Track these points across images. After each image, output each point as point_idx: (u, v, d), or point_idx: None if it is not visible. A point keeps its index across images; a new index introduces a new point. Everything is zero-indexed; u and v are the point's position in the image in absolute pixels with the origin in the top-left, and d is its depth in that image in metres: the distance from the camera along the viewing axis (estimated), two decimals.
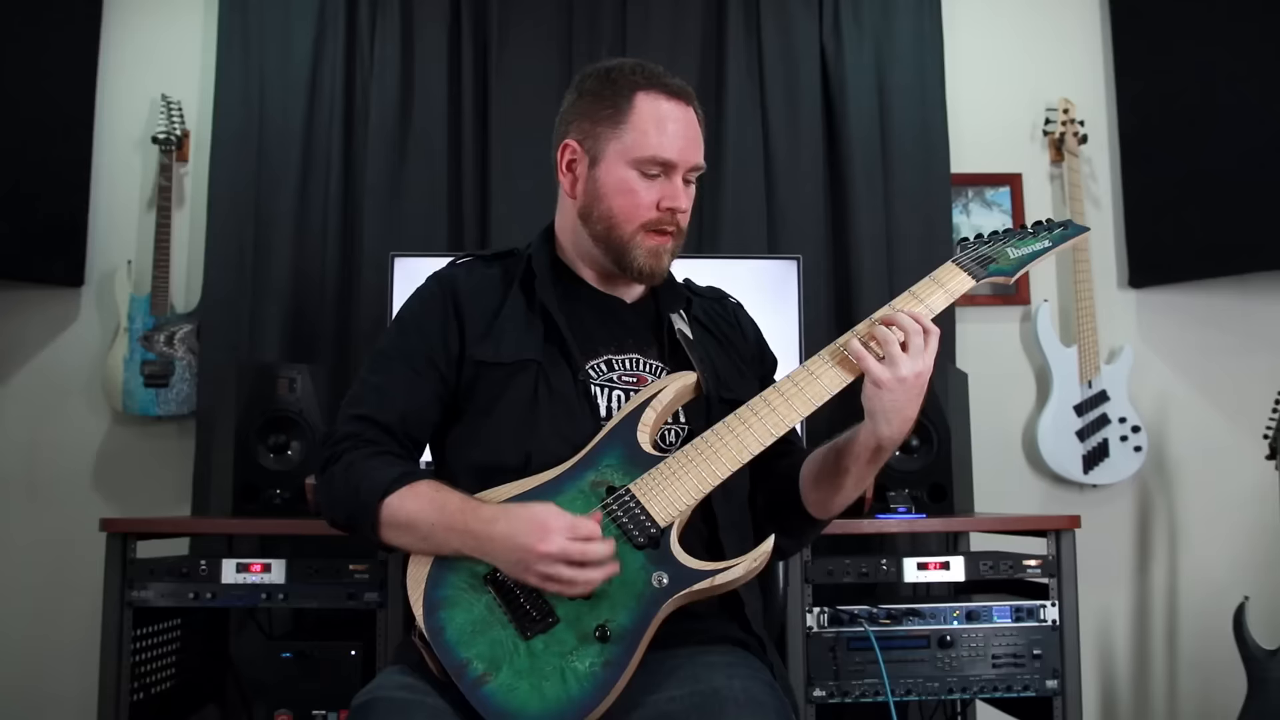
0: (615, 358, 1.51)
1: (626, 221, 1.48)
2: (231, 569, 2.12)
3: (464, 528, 1.33)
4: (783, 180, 3.03)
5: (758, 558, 1.33)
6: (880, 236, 3.03)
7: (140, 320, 2.96)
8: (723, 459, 1.37)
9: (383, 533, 1.38)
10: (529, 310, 1.51)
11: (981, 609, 2.14)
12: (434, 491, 1.37)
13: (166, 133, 3.02)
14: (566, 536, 1.26)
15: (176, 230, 3.05)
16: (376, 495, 1.37)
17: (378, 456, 1.42)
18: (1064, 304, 3.17)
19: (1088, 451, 3.03)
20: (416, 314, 1.52)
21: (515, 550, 1.28)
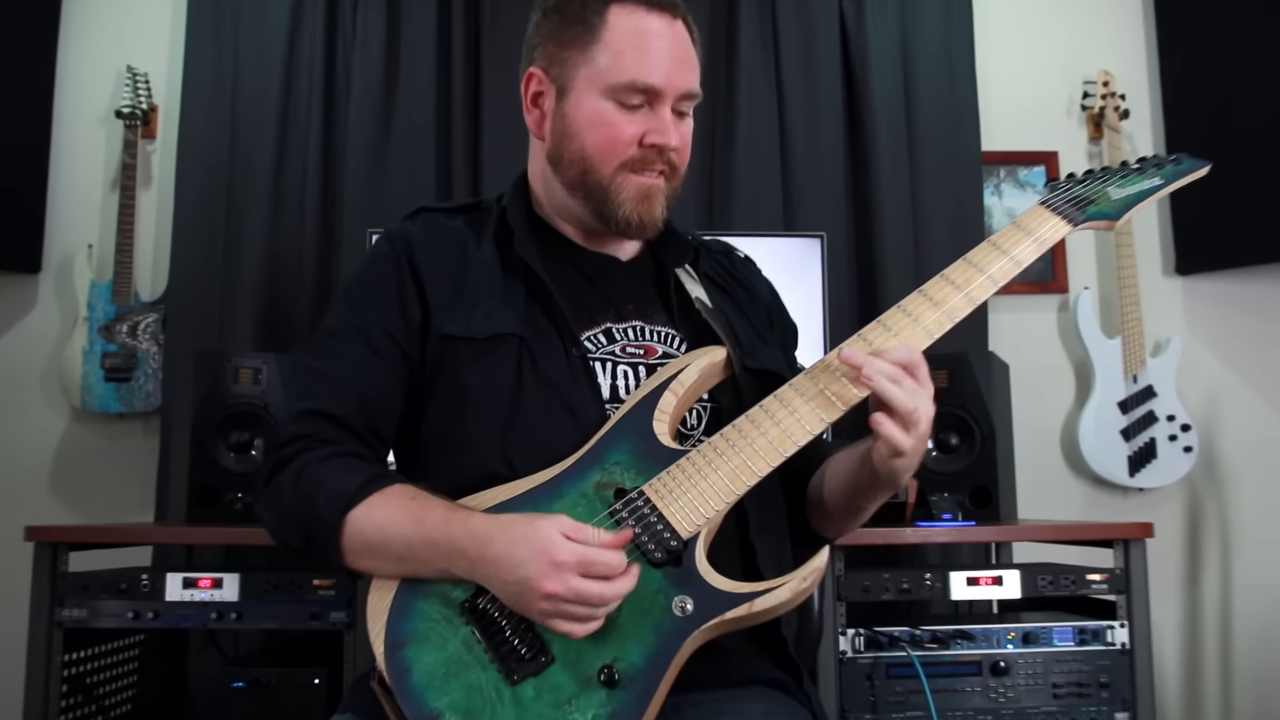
0: (616, 326, 1.20)
1: (603, 163, 1.17)
2: (177, 584, 1.81)
3: (451, 545, 1.02)
4: (800, 156, 2.74)
5: (808, 575, 1.01)
6: (906, 217, 2.75)
7: (101, 309, 2.67)
8: (761, 450, 1.06)
9: (348, 554, 1.08)
10: (505, 272, 1.20)
11: (1040, 630, 1.82)
12: (409, 499, 1.07)
13: (131, 106, 2.72)
14: (579, 572, 0.96)
15: (142, 212, 2.77)
16: (339, 508, 1.06)
17: (335, 459, 1.11)
18: (1105, 292, 2.87)
19: (1133, 452, 2.74)
20: (367, 281, 1.20)
21: (515, 583, 0.98)
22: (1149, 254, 2.90)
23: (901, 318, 1.11)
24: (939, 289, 1.12)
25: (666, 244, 1.27)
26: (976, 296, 1.11)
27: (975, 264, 1.13)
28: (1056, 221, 1.15)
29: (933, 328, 1.10)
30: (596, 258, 1.25)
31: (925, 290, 1.12)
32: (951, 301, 1.11)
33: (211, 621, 1.80)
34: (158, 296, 2.71)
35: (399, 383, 1.17)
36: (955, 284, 1.12)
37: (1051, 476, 2.81)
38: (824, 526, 1.27)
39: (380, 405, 1.16)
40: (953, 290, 1.11)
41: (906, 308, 1.11)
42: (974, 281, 1.12)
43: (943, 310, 1.10)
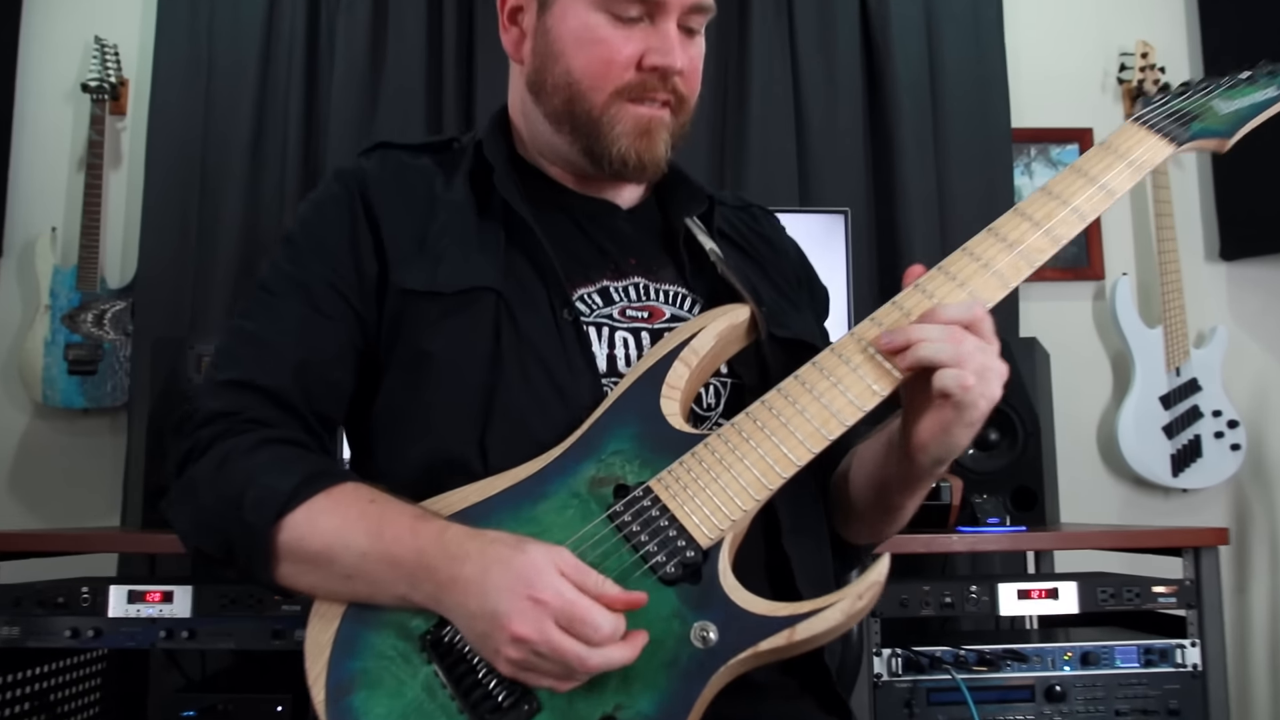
0: (614, 285, 0.97)
1: (593, 88, 0.94)
2: (122, 598, 1.57)
3: (417, 563, 0.79)
4: (816, 132, 2.51)
5: (864, 592, 0.78)
6: (931, 197, 2.52)
7: (65, 296, 2.45)
8: (801, 432, 0.83)
9: (280, 571, 0.84)
10: (481, 217, 0.97)
11: (1101, 650, 1.58)
12: (367, 503, 0.84)
13: (99, 79, 2.50)
14: (559, 622, 0.73)
15: (111, 193, 2.54)
16: (271, 511, 0.83)
17: (268, 446, 0.87)
18: (1144, 279, 2.64)
19: (1177, 451, 2.50)
20: (312, 227, 0.97)
21: (482, 617, 0.76)
22: (1191, 238, 2.66)
23: (968, 263, 0.87)
24: (1013, 226, 0.89)
25: (674, 190, 1.04)
26: (1061, 235, 0.88)
27: (1056, 195, 0.90)
28: (1155, 140, 0.93)
29: (1008, 273, 0.87)
30: (591, 204, 1.02)
31: (995, 229, 0.89)
32: (1029, 240, 0.87)
33: (160, 641, 1.56)
34: (126, 283, 2.49)
35: (349, 350, 0.93)
36: (1033, 219, 0.88)
37: (1088, 476, 2.57)
38: (853, 531, 1.04)
39: (324, 378, 0.92)
40: (1030, 227, 0.88)
41: (974, 250, 0.88)
42: (1056, 215, 0.89)
43: (1018, 252, 0.87)
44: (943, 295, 0.86)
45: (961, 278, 0.87)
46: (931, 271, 0.88)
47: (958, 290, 0.86)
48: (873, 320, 0.87)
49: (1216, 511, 2.58)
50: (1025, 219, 0.89)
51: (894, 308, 0.87)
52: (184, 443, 0.89)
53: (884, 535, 1.04)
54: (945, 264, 0.89)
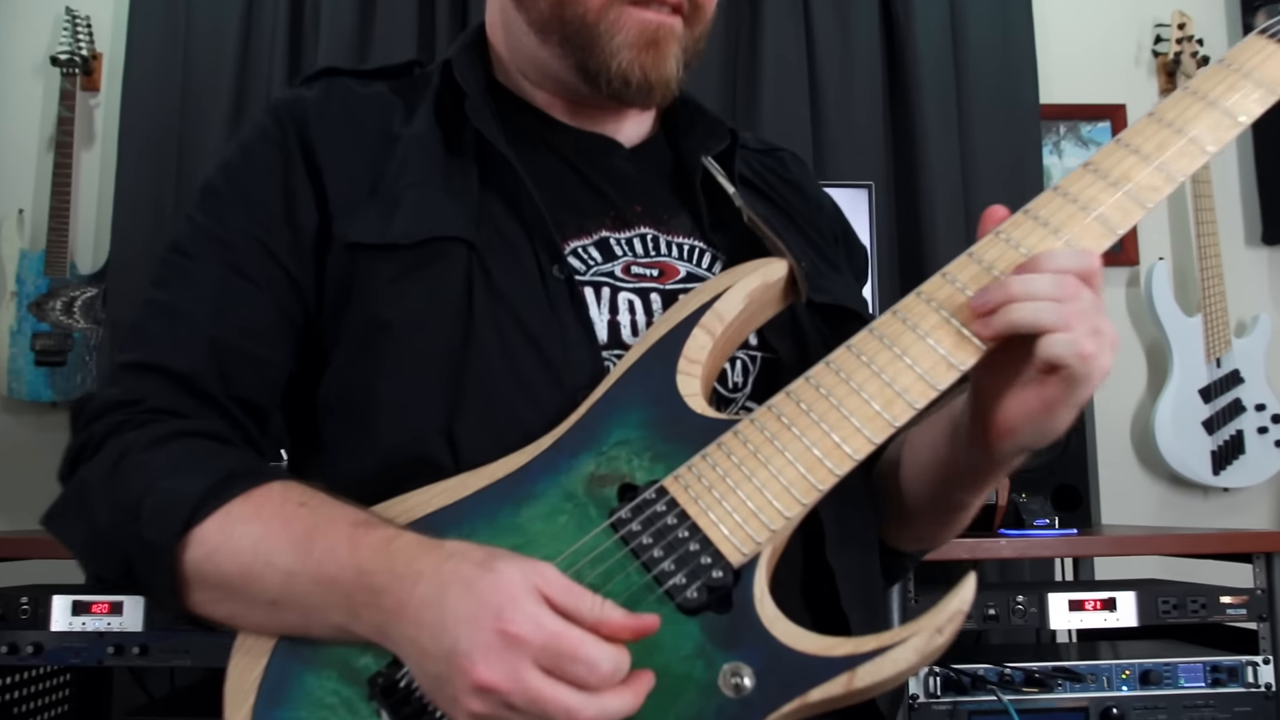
0: (616, 236, 0.78)
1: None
2: (65, 609, 1.38)
3: (356, 583, 0.60)
4: (832, 106, 2.33)
5: (946, 624, 0.59)
6: (955, 175, 2.34)
7: (32, 283, 2.27)
8: (859, 416, 0.64)
9: (193, 596, 0.66)
10: (449, 154, 0.77)
11: (1163, 668, 1.39)
12: (295, 505, 0.65)
13: (70, 52, 2.32)
14: (541, 663, 0.54)
15: (84, 173, 2.37)
16: (175, 522, 0.64)
17: (174, 442, 0.68)
18: (1180, 264, 2.46)
19: (1218, 447, 2.31)
20: (236, 172, 0.78)
21: (436, 657, 0.57)
22: (1231, 221, 2.48)
23: (1062, 205, 0.68)
24: (1114, 160, 0.70)
25: (689, 124, 0.85)
26: (1177, 170, 0.69)
27: (1168, 122, 0.71)
28: None
29: (1114, 217, 0.68)
30: (586, 140, 0.83)
31: (1094, 164, 0.70)
32: (1138, 176, 0.68)
33: (108, 657, 1.38)
34: (97, 269, 2.31)
35: (281, 322, 0.74)
36: (1140, 151, 0.69)
37: (1121, 475, 2.38)
38: (903, 535, 0.85)
39: (250, 357, 0.73)
40: (1137, 161, 0.69)
41: (1069, 190, 0.69)
42: (1170, 146, 0.69)
43: (1125, 191, 0.68)
44: (1033, 245, 0.67)
45: (1056, 223, 0.68)
46: (1016, 216, 0.69)
47: (1051, 238, 0.67)
48: (944, 276, 0.68)
49: (1260, 512, 2.40)
50: (1131, 151, 0.70)
51: (971, 261, 0.68)
52: (75, 439, 0.70)
53: (939, 540, 0.86)
54: (1032, 207, 0.70)
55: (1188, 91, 0.72)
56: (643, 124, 0.85)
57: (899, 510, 0.82)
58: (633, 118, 0.84)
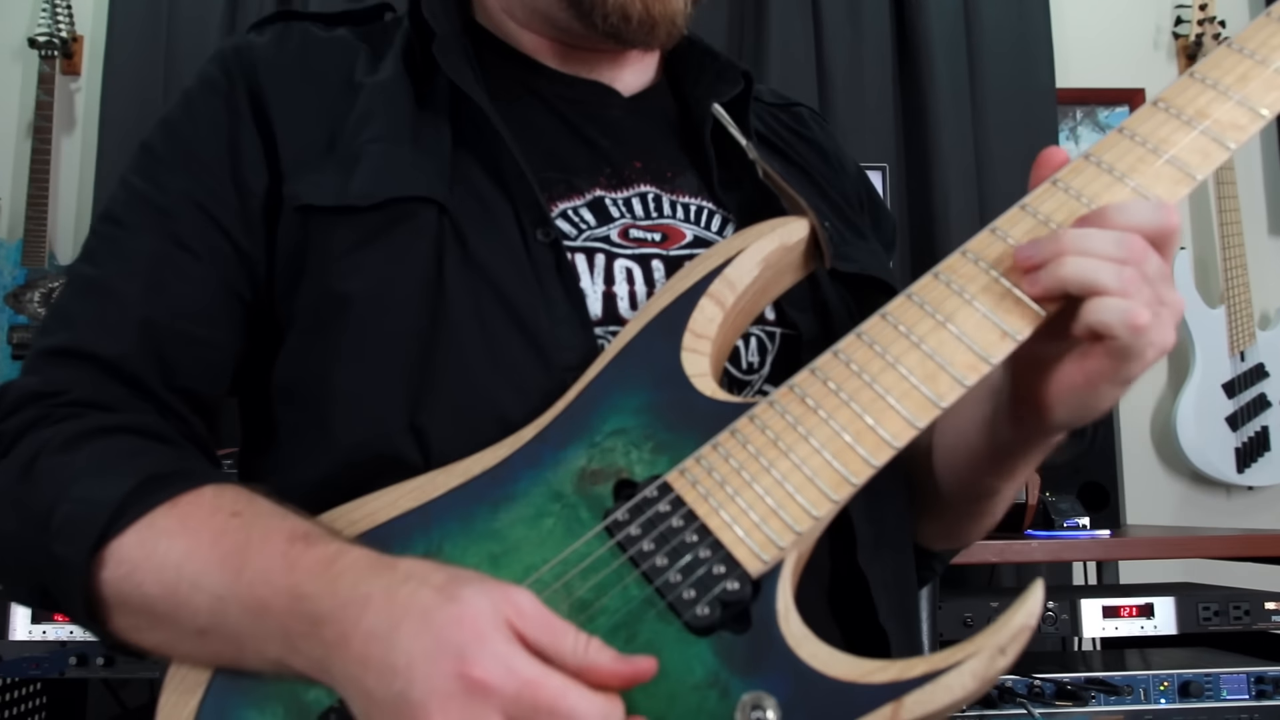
0: (611, 196, 0.68)
1: None
2: (25, 619, 1.28)
3: (292, 608, 0.50)
4: (840, 88, 2.24)
5: (1009, 644, 0.49)
6: (968, 161, 2.25)
7: (9, 274, 2.19)
8: (897, 397, 0.54)
9: (115, 623, 0.56)
10: (419, 105, 0.67)
11: (1204, 679, 1.28)
12: (227, 515, 0.55)
13: (49, 34, 2.23)
14: (518, 703, 0.44)
15: (63, 159, 2.29)
16: (87, 536, 0.54)
17: (95, 439, 0.58)
18: (1202, 255, 2.36)
19: (1242, 444, 2.21)
20: (177, 129, 0.68)
21: (384, 702, 0.46)
22: (1254, 210, 2.38)
23: (1128, 148, 0.58)
24: (1187, 96, 0.59)
25: (698, 69, 0.75)
26: (1265, 104, 0.59)
27: (1250, 51, 0.61)
28: None
29: (1192, 160, 0.57)
30: (578, 87, 0.72)
31: (1164, 100, 0.60)
32: (1218, 112, 0.58)
33: (70, 669, 1.28)
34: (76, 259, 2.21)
35: (228, 299, 0.64)
36: (1217, 85, 0.59)
37: (1143, 472, 2.28)
38: (930, 530, 0.75)
39: (191, 340, 0.63)
40: (1215, 97, 0.59)
41: (1135, 130, 0.59)
42: (1254, 77, 0.59)
43: (1202, 129, 0.58)
44: (1095, 193, 0.57)
45: (1122, 168, 0.58)
46: (1076, 162, 0.59)
47: (1117, 186, 0.57)
48: (993, 231, 0.58)
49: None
50: (1206, 85, 0.60)
51: (1024, 214, 0.58)
52: None
53: (969, 536, 0.77)
54: (1094, 151, 0.60)
55: (1272, 18, 0.62)
56: (644, 71, 0.75)
57: (929, 501, 0.72)
58: (632, 63, 0.74)
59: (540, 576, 0.52)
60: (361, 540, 0.54)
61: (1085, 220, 0.55)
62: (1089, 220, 0.54)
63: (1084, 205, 0.57)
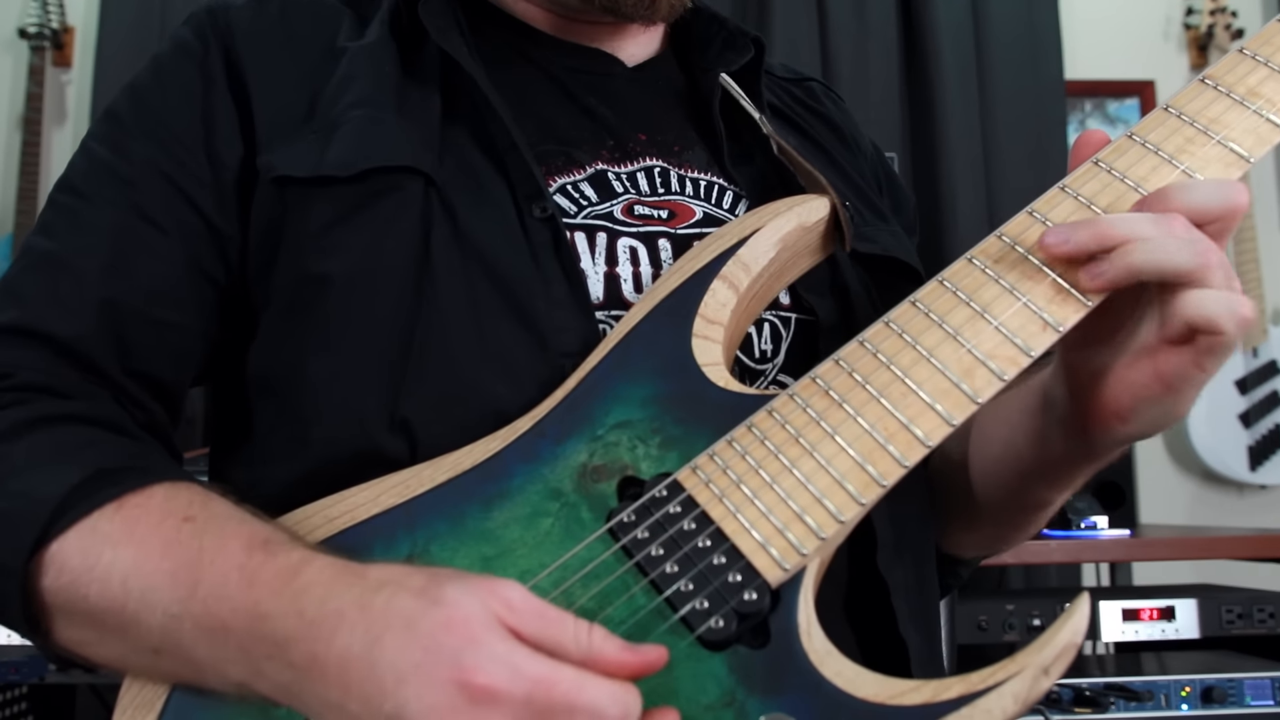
0: (614, 170, 0.63)
1: None
2: None
3: (254, 629, 0.45)
4: (846, 80, 2.20)
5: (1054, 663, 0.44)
6: (976, 154, 2.21)
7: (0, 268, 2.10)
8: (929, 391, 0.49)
9: (59, 634, 0.50)
10: (406, 70, 0.62)
11: (1227, 684, 1.23)
12: (179, 520, 0.49)
13: (39, 25, 2.19)
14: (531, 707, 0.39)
15: (54, 152, 2.23)
16: (26, 536, 0.48)
17: (38, 429, 0.52)
18: None
19: (1255, 442, 2.18)
20: (146, 95, 0.62)
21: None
22: (1266, 205, 2.34)
23: (1176, 128, 0.54)
24: (1239, 73, 0.55)
25: (706, 39, 0.70)
26: None
27: None
28: None
29: (1245, 141, 0.53)
30: (580, 56, 0.67)
31: (1213, 77, 0.55)
32: (1270, 90, 0.54)
33: (51, 674, 1.23)
34: None
35: (197, 280, 0.59)
36: (1271, 62, 0.55)
37: (1154, 471, 2.24)
38: (963, 539, 0.70)
39: (153, 322, 0.57)
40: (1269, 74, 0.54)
41: (1183, 109, 0.54)
42: None
43: (1255, 109, 0.54)
44: (1142, 176, 0.52)
45: (1170, 149, 0.53)
46: (1119, 141, 0.55)
47: (1165, 168, 0.52)
48: (1031, 214, 0.53)
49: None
50: (1258, 63, 0.55)
51: (1065, 195, 0.53)
52: None
53: (1008, 544, 0.72)
54: (1138, 130, 0.55)
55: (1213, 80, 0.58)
56: (648, 41, 0.70)
57: (963, 511, 0.67)
58: (635, 33, 0.68)
59: (538, 583, 0.47)
60: (341, 539, 0.50)
61: (1145, 204, 0.50)
62: (1148, 204, 0.49)
63: (1129, 188, 0.52)
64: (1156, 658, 1.44)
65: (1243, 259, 2.20)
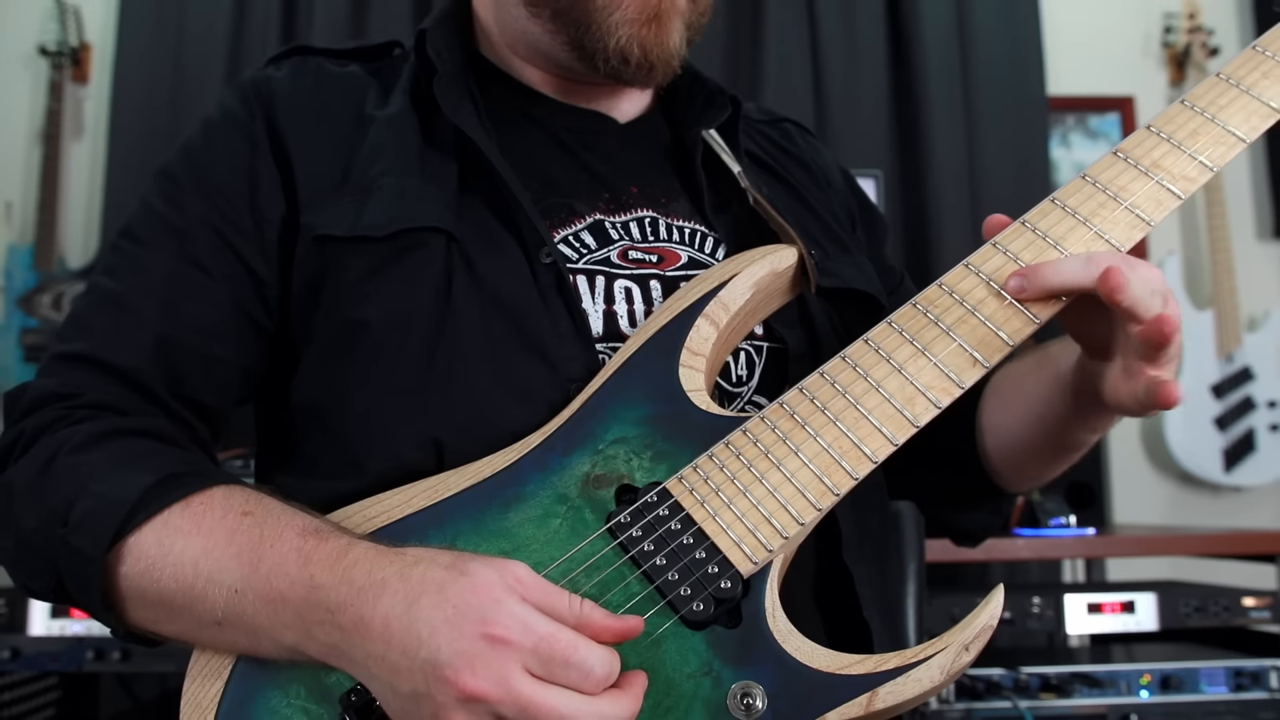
0: (611, 220, 0.73)
1: None
2: (43, 614, 1.33)
3: (307, 599, 0.55)
4: (836, 95, 2.28)
5: (973, 641, 0.54)
6: (962, 167, 2.29)
7: (21, 277, 2.21)
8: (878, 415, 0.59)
9: (131, 616, 0.61)
10: (426, 141, 0.72)
11: (1184, 673, 1.33)
12: (239, 515, 0.59)
13: (58, 42, 2.27)
14: (530, 667, 0.50)
15: (73, 166, 2.31)
16: (104, 531, 0.58)
17: (111, 440, 0.62)
18: (1190, 258, 2.40)
19: (1229, 445, 2.26)
20: (198, 156, 0.72)
21: (410, 671, 0.51)
22: (1241, 214, 2.42)
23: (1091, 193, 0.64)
24: (1146, 147, 0.65)
25: (689, 97, 0.80)
26: (1211, 159, 0.64)
27: (1200, 109, 0.66)
28: None
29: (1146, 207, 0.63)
30: (578, 117, 0.77)
31: (1124, 150, 0.65)
32: (1170, 164, 0.64)
33: (88, 663, 1.32)
34: (87, 263, 2.25)
35: (239, 319, 0.69)
36: (1172, 139, 0.65)
37: (1130, 473, 2.32)
38: (1008, 478, 0.78)
39: (201, 355, 0.68)
40: (1169, 149, 0.64)
41: (1097, 179, 0.65)
42: (1203, 134, 0.65)
43: (1157, 179, 0.64)
44: (1061, 235, 0.62)
45: (1085, 211, 0.63)
46: (1042, 205, 0.64)
47: (1080, 228, 0.62)
48: (967, 266, 0.63)
49: (1272, 511, 2.34)
50: (1163, 139, 0.65)
51: (995, 251, 0.63)
52: (5, 434, 0.64)
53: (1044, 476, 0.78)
54: (1059, 195, 0.65)
55: (1220, 78, 0.67)
56: (639, 99, 0.80)
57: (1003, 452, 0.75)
58: (628, 94, 0.78)
59: (548, 573, 0.57)
60: (379, 535, 0.59)
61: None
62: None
63: (1048, 245, 0.62)
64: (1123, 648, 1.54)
65: (1218, 269, 2.29)
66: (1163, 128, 0.65)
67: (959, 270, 0.62)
